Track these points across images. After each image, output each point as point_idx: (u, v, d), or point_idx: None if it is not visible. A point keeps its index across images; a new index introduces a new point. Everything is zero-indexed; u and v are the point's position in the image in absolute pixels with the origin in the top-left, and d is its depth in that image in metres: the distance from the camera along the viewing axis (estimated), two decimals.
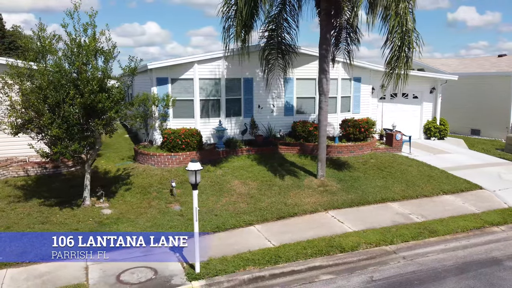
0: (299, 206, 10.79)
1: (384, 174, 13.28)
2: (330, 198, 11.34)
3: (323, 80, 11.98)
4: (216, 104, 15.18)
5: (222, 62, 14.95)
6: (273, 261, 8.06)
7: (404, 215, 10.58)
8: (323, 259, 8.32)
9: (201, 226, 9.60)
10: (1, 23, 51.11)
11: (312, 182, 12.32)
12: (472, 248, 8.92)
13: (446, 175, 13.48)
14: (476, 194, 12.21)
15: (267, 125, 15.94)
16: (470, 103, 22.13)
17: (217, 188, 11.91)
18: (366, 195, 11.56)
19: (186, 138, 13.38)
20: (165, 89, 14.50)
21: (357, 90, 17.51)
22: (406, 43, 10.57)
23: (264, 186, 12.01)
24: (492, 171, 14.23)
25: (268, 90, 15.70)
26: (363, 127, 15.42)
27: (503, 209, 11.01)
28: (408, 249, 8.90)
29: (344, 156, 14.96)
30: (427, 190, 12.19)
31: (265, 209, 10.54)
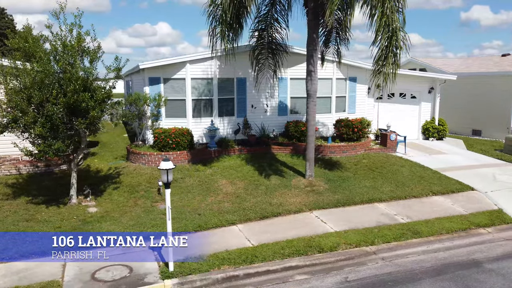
0: (284, 206, 10.76)
1: (374, 175, 13.17)
2: (316, 198, 11.28)
3: (310, 80, 11.92)
4: (208, 103, 15.22)
5: (214, 62, 14.99)
6: (249, 261, 8.05)
7: (390, 215, 10.48)
8: (300, 259, 8.28)
9: (183, 225, 9.68)
10: (12, 24, 52.06)
11: (300, 182, 12.27)
12: (454, 250, 8.80)
13: (438, 176, 13.31)
14: (467, 195, 12.04)
15: (260, 125, 15.94)
16: (471, 103, 21.82)
17: (204, 187, 11.94)
18: (353, 196, 11.48)
19: (176, 138, 13.44)
20: (158, 89, 14.59)
21: (352, 90, 17.39)
22: (394, 43, 10.44)
23: (251, 185, 12.00)
24: (487, 172, 14.01)
25: (261, 90, 15.68)
26: (356, 127, 15.32)
27: (492, 211, 10.83)
28: (388, 250, 8.81)
29: (336, 156, 14.88)
30: (417, 191, 12.06)
31: (249, 209, 10.53)
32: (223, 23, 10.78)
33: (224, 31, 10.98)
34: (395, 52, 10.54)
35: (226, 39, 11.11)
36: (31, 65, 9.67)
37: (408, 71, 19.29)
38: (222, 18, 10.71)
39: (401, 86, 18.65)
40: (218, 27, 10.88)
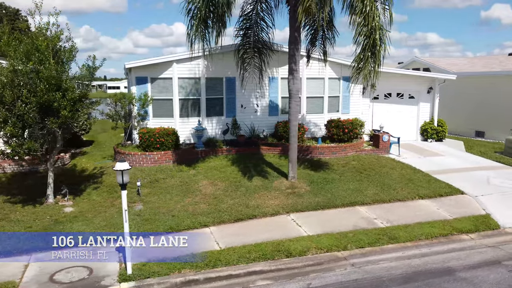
0: (261, 208, 10.52)
1: (361, 177, 12.81)
2: (296, 200, 11.00)
3: (292, 79, 11.64)
4: (196, 103, 15.07)
5: (201, 62, 14.83)
6: (211, 265, 7.85)
7: (369, 219, 10.14)
8: (266, 263, 8.04)
9: (154, 227, 9.55)
10: (26, 24, 52.99)
11: (282, 183, 12.01)
12: (430, 257, 8.42)
13: (428, 179, 12.87)
14: (456, 199, 11.59)
15: (250, 125, 15.71)
16: (475, 104, 21.17)
17: (184, 188, 11.79)
18: (334, 198, 11.16)
19: (160, 138, 13.33)
20: (145, 89, 14.51)
21: (346, 90, 17.01)
22: (371, 41, 10.09)
23: (231, 187, 11.80)
24: (481, 175, 13.50)
25: (251, 90, 15.50)
26: (347, 128, 14.95)
27: (478, 216, 10.39)
28: (361, 255, 8.49)
29: (325, 157, 14.55)
30: (402, 194, 11.66)
31: (224, 211, 10.33)
32: (200, 20, 10.57)
33: (203, 29, 10.78)
34: (373, 50, 10.18)
35: (204, 38, 10.89)
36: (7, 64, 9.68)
37: (405, 71, 18.85)
38: (198, 16, 10.49)
39: (398, 86, 18.24)
40: (195, 25, 10.66)
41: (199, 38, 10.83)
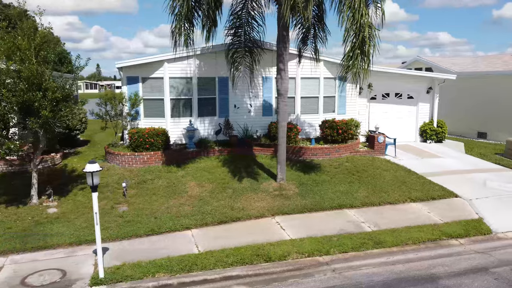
0: (246, 210, 10.31)
1: (353, 179, 12.53)
2: (282, 203, 10.77)
3: (280, 79, 11.41)
4: (187, 103, 14.91)
5: (193, 61, 14.66)
6: (187, 269, 7.66)
7: (356, 223, 9.87)
8: (244, 268, 7.82)
9: (135, 229, 9.40)
10: (34, 24, 53.54)
11: (270, 185, 11.78)
12: (415, 263, 8.13)
13: (423, 181, 12.54)
14: (449, 202, 11.26)
15: (243, 125, 15.50)
16: (477, 105, 20.71)
17: (170, 189, 11.62)
18: (323, 201, 10.91)
19: (150, 138, 13.18)
20: (136, 88, 14.38)
21: (342, 90, 16.71)
22: (360, 39, 9.82)
23: (218, 188, 11.60)
24: (478, 178, 13.13)
25: (244, 90, 15.31)
26: (341, 129, 14.66)
27: (470, 220, 10.05)
28: (343, 261, 8.23)
29: (318, 158, 14.28)
30: (394, 197, 11.36)
31: (208, 213, 10.14)
32: (184, 19, 10.37)
33: (187, 28, 10.59)
34: (362, 49, 9.90)
35: (188, 37, 10.70)
36: None
37: (403, 70, 18.50)
38: (182, 14, 10.29)
39: (396, 86, 17.89)
40: (179, 24, 10.46)
41: (183, 37, 10.61)
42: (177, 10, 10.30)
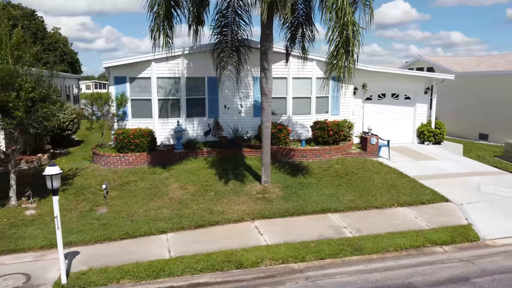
0: (225, 214, 10.03)
1: (341, 182, 12.17)
2: (264, 206, 10.47)
3: (265, 78, 11.11)
4: (176, 104, 14.70)
5: (181, 61, 14.45)
6: (154, 275, 7.41)
7: (338, 228, 9.53)
8: (213, 275, 7.55)
9: (109, 232, 9.18)
10: (42, 25, 53.91)
11: (254, 188, 11.50)
12: (394, 271, 7.77)
13: (413, 185, 12.14)
14: (438, 207, 10.84)
15: (234, 126, 15.24)
16: (478, 105, 20.16)
17: (152, 191, 11.41)
18: (306, 205, 10.58)
19: (135, 139, 13.00)
20: (124, 88, 14.22)
21: (336, 90, 16.35)
22: (344, 38, 9.48)
23: (201, 191, 11.36)
24: (473, 181, 12.67)
25: (235, 90, 15.04)
26: (332, 130, 14.31)
27: (458, 226, 9.63)
28: (319, 268, 7.91)
29: (308, 160, 13.95)
30: (381, 201, 10.99)
31: (186, 216, 9.89)
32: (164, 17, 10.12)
33: (166, 27, 10.34)
34: (346, 48, 9.56)
35: (167, 36, 10.45)
36: None
37: (399, 70, 18.07)
38: (160, 12, 10.04)
39: (393, 86, 17.48)
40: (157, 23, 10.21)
41: (162, 37, 10.37)
42: (156, 9, 10.06)
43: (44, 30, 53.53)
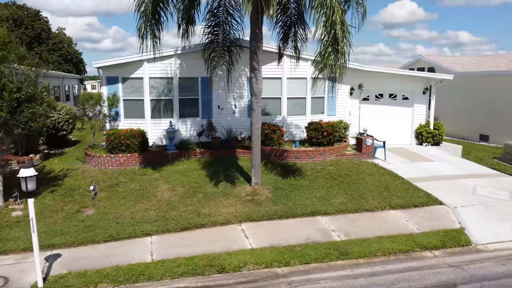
0: (212, 216, 9.88)
1: (333, 184, 11.97)
2: (252, 209, 10.30)
3: (254, 78, 10.94)
4: (168, 104, 14.57)
5: (174, 61, 14.32)
6: (133, 279, 7.27)
7: (326, 231, 9.33)
8: (193, 279, 7.40)
9: (94, 235, 9.07)
10: (47, 25, 54.16)
11: (244, 190, 11.33)
12: (380, 277, 7.57)
13: (407, 187, 11.90)
14: (431, 210, 10.61)
15: (227, 127, 15.08)
16: (479, 106, 19.82)
17: (140, 193, 11.28)
18: (295, 207, 10.39)
19: (126, 139, 12.88)
20: (116, 89, 14.12)
21: (332, 91, 16.11)
22: (332, 37, 9.28)
23: (189, 192, 11.21)
24: (469, 184, 12.40)
25: (229, 90, 14.89)
26: (326, 131, 14.10)
27: (450, 230, 9.40)
28: (303, 273, 7.73)
29: (301, 162, 13.75)
30: (373, 203, 10.77)
31: (173, 219, 9.74)
32: (151, 17, 9.97)
33: (153, 26, 10.19)
34: (335, 47, 9.36)
35: (154, 37, 10.30)
36: None
37: (397, 70, 17.81)
38: (147, 12, 9.90)
39: (390, 87, 17.23)
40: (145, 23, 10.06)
41: (150, 37, 10.22)
42: (142, 8, 9.92)
43: (49, 30, 53.75)
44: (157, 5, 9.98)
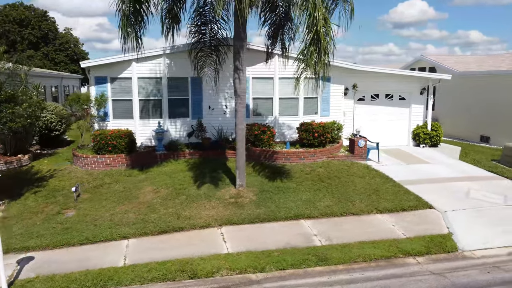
0: (192, 219, 9.66)
1: (321, 186, 11.68)
2: (234, 212, 10.06)
3: (238, 78, 10.70)
4: (157, 104, 14.40)
5: (163, 60, 14.14)
6: (101, 284, 7.08)
7: (307, 236, 9.05)
8: (163, 285, 7.18)
9: (70, 237, 8.91)
10: (54, 25, 54.52)
11: (228, 192, 11.09)
12: (358, 284, 7.28)
13: (398, 190, 11.57)
14: (420, 214, 10.27)
15: (218, 127, 14.87)
16: (480, 106, 19.34)
17: (123, 195, 11.11)
18: (278, 210, 10.13)
19: (112, 140, 12.73)
20: (105, 89, 13.99)
21: (325, 91, 15.81)
22: (313, 34, 9.02)
23: (173, 194, 11.01)
24: (463, 187, 12.03)
25: (219, 90, 14.72)
26: (317, 132, 13.80)
27: (437, 236, 9.06)
28: (278, 279, 7.47)
29: (291, 163, 13.48)
30: (359, 207, 10.46)
31: (152, 221, 9.54)
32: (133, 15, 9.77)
33: (134, 26, 10.00)
34: (318, 45, 9.09)
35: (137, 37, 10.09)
36: None
37: (392, 70, 17.44)
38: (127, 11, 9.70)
39: (387, 87, 16.89)
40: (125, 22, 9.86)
41: (131, 37, 10.01)
42: (123, 7, 9.73)
43: (56, 30, 54.07)
44: (140, 3, 9.76)
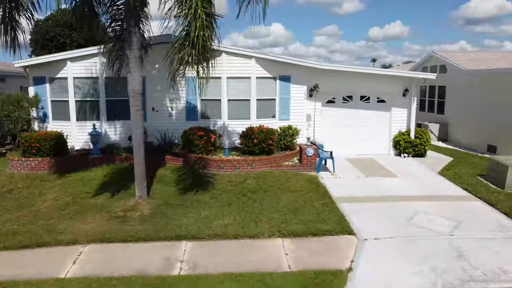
0: (64, 234, 8.69)
1: (238, 201, 10.25)
2: (113, 227, 8.94)
3: (129, 79, 9.60)
4: (94, 105, 13.69)
5: (99, 60, 13.39)
6: None
7: (172, 261, 7.69)
8: None
9: None
10: None
11: (125, 204, 10.03)
12: None
13: (324, 210, 9.82)
14: (330, 241, 8.51)
15: (164, 131, 13.87)
16: (489, 111, 16.51)
17: (23, 202, 10.46)
18: (163, 229, 8.86)
19: (36, 143, 12.21)
20: (44, 89, 13.56)
21: (285, 92, 14.22)
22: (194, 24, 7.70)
23: (70, 203, 10.16)
24: (413, 209, 10.00)
25: (164, 91, 13.74)
26: (256, 138, 12.29)
27: (328, 272, 7.28)
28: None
29: (225, 172, 12.11)
30: (262, 228, 8.88)
31: (21, 234, 8.70)
32: None
33: None
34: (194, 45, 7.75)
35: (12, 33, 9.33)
36: None
37: (369, 69, 15.37)
38: None
39: (362, 88, 14.92)
40: None
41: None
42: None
43: None
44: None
